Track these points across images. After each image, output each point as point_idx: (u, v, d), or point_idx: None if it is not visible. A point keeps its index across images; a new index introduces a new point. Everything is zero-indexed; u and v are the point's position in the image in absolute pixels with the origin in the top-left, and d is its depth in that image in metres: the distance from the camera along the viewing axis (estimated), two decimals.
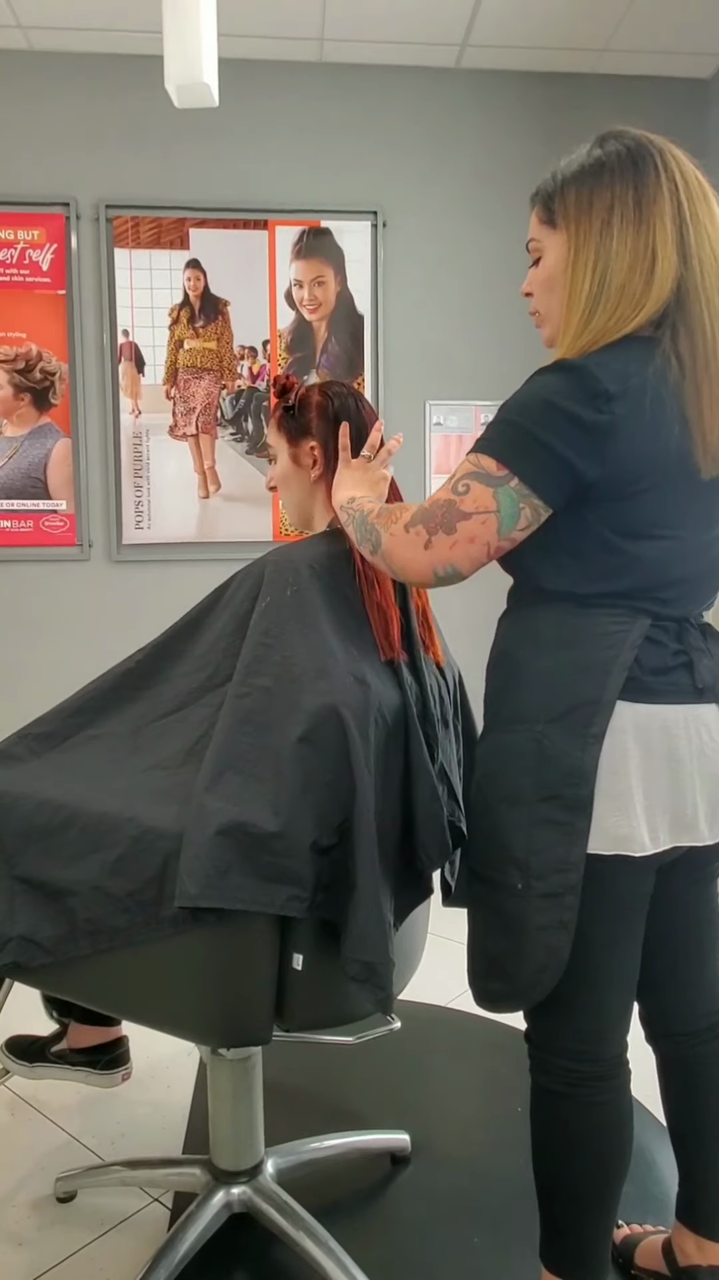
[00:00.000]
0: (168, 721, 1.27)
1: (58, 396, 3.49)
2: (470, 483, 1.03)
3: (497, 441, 1.05)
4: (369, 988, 1.10)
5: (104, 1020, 1.56)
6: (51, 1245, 1.42)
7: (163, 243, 3.48)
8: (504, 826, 1.08)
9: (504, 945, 1.09)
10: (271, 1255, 1.37)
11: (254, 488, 3.59)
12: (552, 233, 1.13)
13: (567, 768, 1.03)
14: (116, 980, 1.17)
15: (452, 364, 3.67)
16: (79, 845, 1.14)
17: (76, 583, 3.57)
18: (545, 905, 1.05)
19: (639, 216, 1.04)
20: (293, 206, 3.53)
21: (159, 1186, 1.53)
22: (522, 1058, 1.21)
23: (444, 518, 1.03)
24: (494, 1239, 1.41)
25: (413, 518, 1.07)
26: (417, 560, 1.06)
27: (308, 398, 1.38)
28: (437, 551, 1.04)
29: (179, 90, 2.10)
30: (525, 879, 1.06)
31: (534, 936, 1.06)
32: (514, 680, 1.11)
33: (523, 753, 1.07)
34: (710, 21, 3.29)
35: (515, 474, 1.02)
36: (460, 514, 1.03)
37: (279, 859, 1.07)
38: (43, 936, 1.13)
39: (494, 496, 1.02)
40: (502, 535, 1.04)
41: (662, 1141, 1.64)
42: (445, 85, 3.59)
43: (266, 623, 1.20)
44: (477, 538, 1.03)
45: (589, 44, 3.42)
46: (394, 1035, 1.41)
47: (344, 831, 1.11)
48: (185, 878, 1.05)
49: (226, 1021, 1.16)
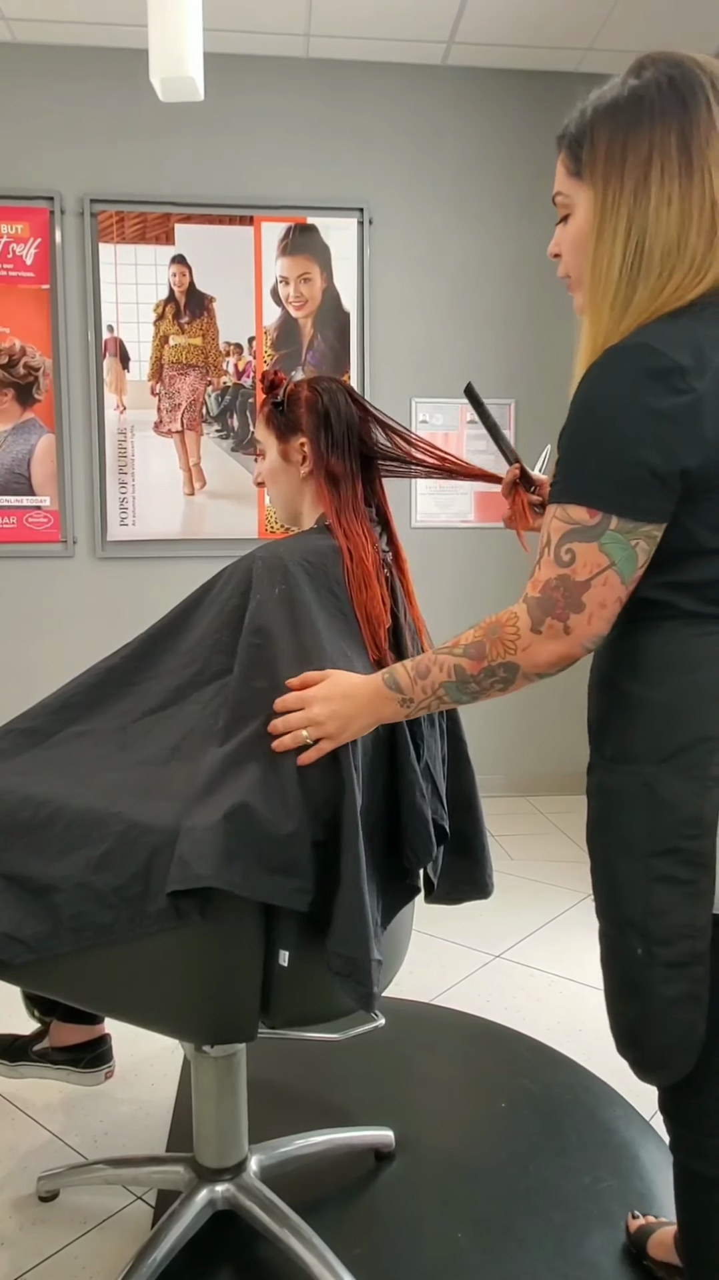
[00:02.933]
0: (155, 718, 1.26)
1: (41, 392, 3.47)
2: (572, 546, 0.90)
3: (574, 483, 0.90)
4: (350, 983, 1.08)
5: (86, 1018, 1.55)
6: (33, 1244, 1.41)
7: (148, 238, 3.47)
8: (619, 879, 0.96)
9: (633, 1011, 0.97)
10: (256, 1252, 1.37)
11: (239, 484, 3.58)
12: (579, 185, 0.95)
13: (684, 816, 0.90)
14: (101, 977, 1.17)
15: (438, 361, 3.67)
16: (64, 841, 1.13)
17: (61, 579, 3.56)
18: (672, 976, 0.91)
19: (689, 163, 0.86)
20: (279, 203, 3.52)
21: (142, 1185, 1.52)
22: (505, 1053, 1.21)
23: (567, 600, 0.91)
24: (478, 1234, 1.42)
25: (534, 618, 0.93)
26: (566, 651, 0.94)
27: (297, 393, 1.37)
28: (577, 634, 0.92)
29: (164, 84, 2.09)
30: (646, 944, 0.93)
31: (662, 1009, 0.93)
32: (617, 711, 0.98)
33: (631, 796, 0.94)
34: (695, 21, 3.31)
35: (610, 513, 0.88)
36: (580, 586, 0.90)
37: (284, 850, 1.07)
38: (26, 934, 1.12)
39: (601, 550, 0.89)
40: (625, 583, 0.91)
41: (647, 1137, 1.65)
42: (432, 82, 3.59)
43: (258, 621, 1.20)
44: (607, 601, 0.91)
45: (574, 43, 3.43)
46: (379, 1032, 1.41)
47: (331, 828, 1.11)
48: (192, 861, 1.03)
49: (212, 1018, 1.16)
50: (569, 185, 0.97)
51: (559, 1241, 1.39)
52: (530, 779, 3.83)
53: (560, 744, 3.84)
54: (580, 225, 0.95)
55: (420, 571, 1.53)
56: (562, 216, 1.00)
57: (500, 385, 3.70)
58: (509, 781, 3.83)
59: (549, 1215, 1.45)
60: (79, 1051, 1.55)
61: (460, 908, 1.48)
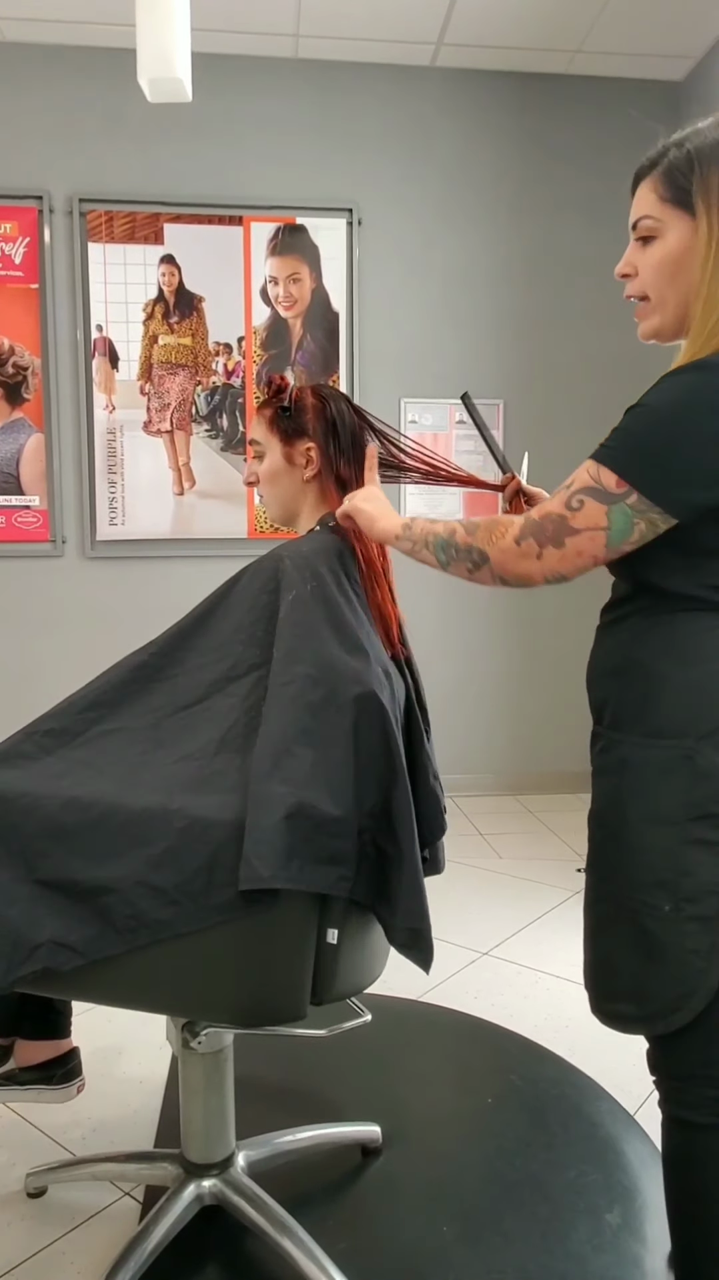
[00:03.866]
0: (191, 713, 1.27)
1: (30, 391, 3.47)
2: (585, 498, 1.00)
3: (618, 451, 0.99)
4: (415, 953, 1.17)
5: (53, 1034, 1.52)
6: (22, 1240, 1.42)
7: (137, 237, 3.47)
8: (645, 845, 1.04)
9: (639, 967, 1.05)
10: (243, 1247, 1.38)
11: (229, 484, 3.58)
12: (677, 214, 1.03)
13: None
14: (149, 976, 1.16)
15: (427, 361, 3.69)
16: (117, 841, 1.13)
17: (50, 579, 3.55)
18: (697, 929, 1.01)
19: None
20: (268, 203, 3.53)
21: (130, 1181, 1.53)
22: (491, 1049, 1.22)
23: (555, 533, 1.02)
24: (464, 1228, 1.43)
25: (523, 531, 1.05)
26: (529, 571, 1.05)
27: (302, 399, 1.41)
28: (547, 563, 1.04)
29: (152, 84, 2.09)
30: (675, 901, 1.01)
31: (681, 960, 1.02)
32: (654, 691, 1.05)
33: (670, 769, 1.02)
34: (683, 25, 3.33)
35: (635, 488, 0.97)
36: (570, 530, 1.01)
37: (333, 840, 1.12)
38: (74, 939, 1.12)
39: (607, 515, 0.99)
40: (609, 549, 1.01)
41: (631, 1132, 1.66)
42: (421, 83, 3.60)
43: (297, 615, 1.23)
44: (584, 552, 1.02)
45: (563, 45, 3.44)
46: (366, 1028, 1.42)
47: (380, 813, 1.16)
48: (255, 861, 1.07)
49: (264, 1002, 1.17)
50: (664, 211, 1.04)
51: (545, 1235, 1.40)
52: (519, 778, 3.84)
53: (549, 743, 3.85)
54: (674, 249, 1.03)
55: (409, 572, 1.55)
56: (640, 238, 1.07)
57: (489, 386, 3.72)
58: (498, 780, 3.85)
59: (535, 1209, 1.46)
60: (49, 1069, 1.51)
61: (448, 905, 1.49)
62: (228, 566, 1.56)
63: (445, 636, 3.77)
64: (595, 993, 1.12)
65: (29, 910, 1.13)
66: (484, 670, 3.82)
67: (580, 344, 3.72)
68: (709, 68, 3.47)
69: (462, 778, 3.77)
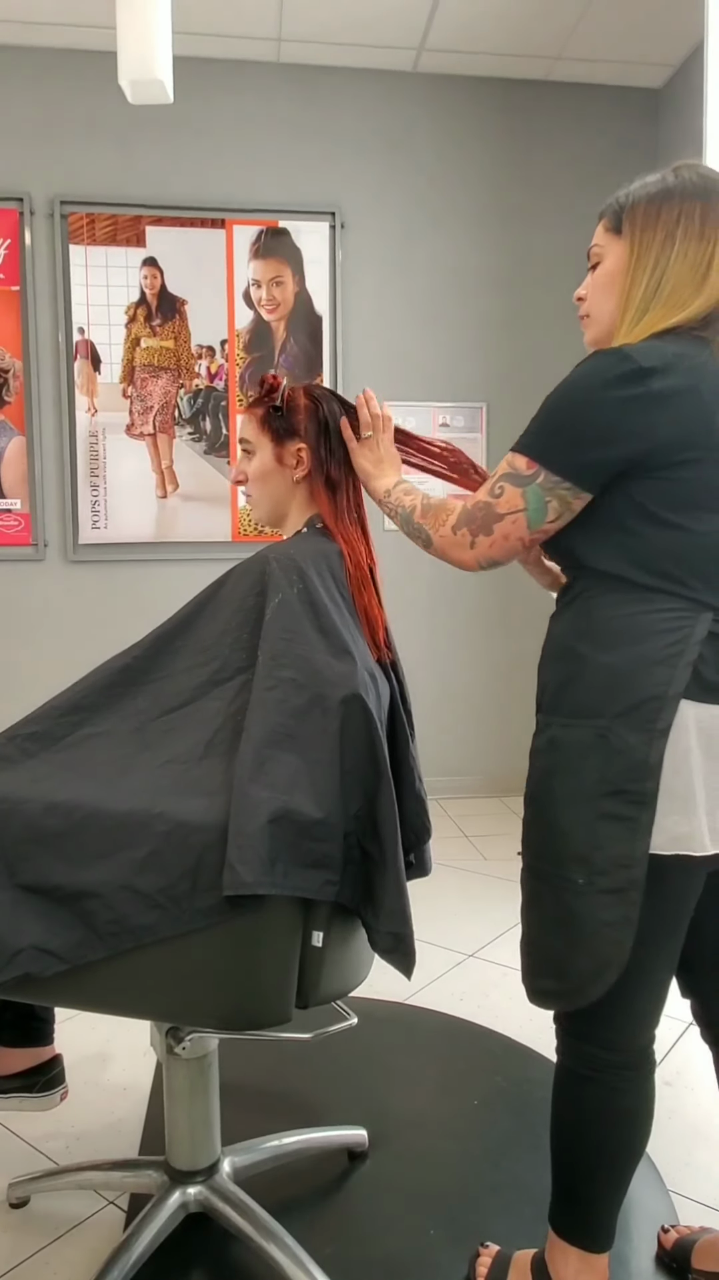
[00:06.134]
0: (175, 716, 1.26)
1: (11, 394, 3.45)
2: (504, 485, 1.12)
3: (527, 437, 1.11)
4: (398, 956, 1.16)
5: (35, 1042, 1.50)
6: (4, 1252, 1.40)
7: (119, 240, 3.46)
8: (565, 821, 1.08)
9: (560, 942, 1.09)
10: (229, 1254, 1.37)
11: (212, 487, 3.57)
12: (615, 239, 1.17)
13: (632, 762, 1.03)
14: (132, 980, 1.15)
15: (410, 364, 3.69)
16: (101, 845, 1.12)
17: (31, 583, 3.53)
18: (609, 901, 1.05)
19: (702, 233, 1.11)
20: (250, 206, 3.53)
21: (115, 1189, 1.52)
22: (477, 1051, 1.22)
23: (483, 521, 1.14)
24: (451, 1231, 1.42)
25: (458, 520, 1.17)
26: (464, 558, 1.18)
27: (294, 400, 1.41)
28: (479, 551, 1.16)
29: (133, 86, 2.08)
30: (588, 875, 1.06)
31: (597, 933, 1.06)
32: (577, 674, 1.10)
33: (587, 747, 1.07)
34: (663, 32, 3.36)
35: (543, 468, 1.08)
36: (495, 515, 1.13)
37: (318, 844, 1.11)
38: (56, 944, 1.11)
39: (523, 496, 1.10)
40: (532, 529, 1.12)
41: None
42: (403, 88, 3.61)
43: (282, 619, 1.23)
44: (510, 535, 1.13)
45: (544, 51, 3.46)
46: (352, 1032, 1.42)
47: (364, 816, 1.16)
48: (238, 866, 1.06)
49: (249, 1005, 1.16)
50: (606, 239, 1.18)
51: (531, 1237, 1.40)
52: (503, 779, 3.85)
53: None
54: (610, 268, 1.17)
55: (394, 574, 1.55)
56: (591, 265, 1.21)
57: (471, 388, 3.73)
58: (482, 782, 3.85)
59: (521, 1210, 1.46)
60: (31, 1076, 1.49)
61: (433, 907, 1.48)
62: (211, 569, 1.55)
63: (431, 639, 3.78)
64: (525, 971, 1.16)
65: (10, 915, 1.12)
66: (469, 673, 3.83)
67: (562, 347, 3.73)
68: (688, 75, 3.50)
69: (447, 780, 3.77)
